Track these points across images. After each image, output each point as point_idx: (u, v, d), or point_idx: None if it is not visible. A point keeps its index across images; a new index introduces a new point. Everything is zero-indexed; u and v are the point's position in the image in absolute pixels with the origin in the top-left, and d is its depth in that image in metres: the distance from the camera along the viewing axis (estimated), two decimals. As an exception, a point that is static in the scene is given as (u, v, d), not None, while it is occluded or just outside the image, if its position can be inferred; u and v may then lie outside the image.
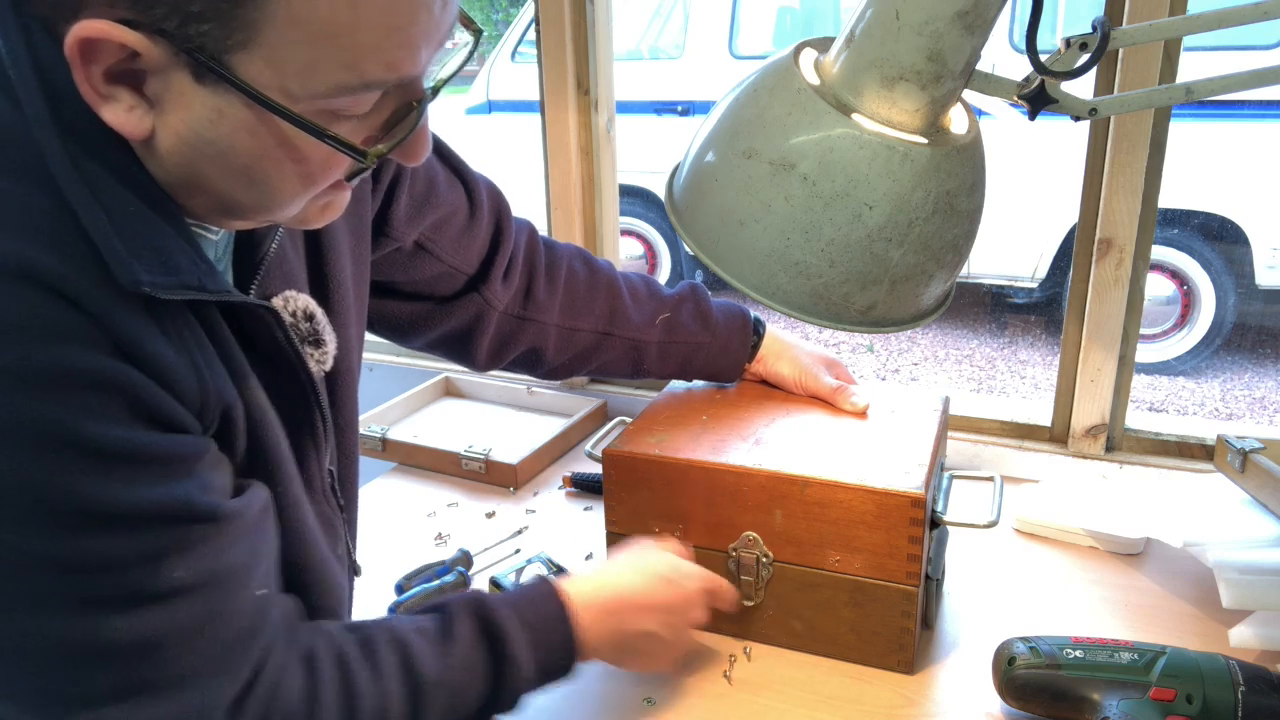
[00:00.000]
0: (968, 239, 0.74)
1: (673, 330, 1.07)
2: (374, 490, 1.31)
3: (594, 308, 1.05)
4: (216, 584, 0.59)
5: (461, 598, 0.75)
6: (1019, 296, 4.55)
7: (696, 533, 0.93)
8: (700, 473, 0.91)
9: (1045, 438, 1.26)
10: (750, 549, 0.91)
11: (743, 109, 0.73)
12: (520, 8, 8.06)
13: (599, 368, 1.08)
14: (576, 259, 1.07)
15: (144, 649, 0.55)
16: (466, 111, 5.37)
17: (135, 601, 0.55)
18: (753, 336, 1.09)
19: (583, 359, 1.06)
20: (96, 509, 0.53)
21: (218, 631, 0.59)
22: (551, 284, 1.03)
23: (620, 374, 1.10)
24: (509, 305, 1.00)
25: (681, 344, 1.07)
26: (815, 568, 0.89)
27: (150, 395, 0.55)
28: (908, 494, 0.84)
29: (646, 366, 1.08)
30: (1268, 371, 4.13)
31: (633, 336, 1.06)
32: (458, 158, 0.96)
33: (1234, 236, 3.91)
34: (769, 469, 0.89)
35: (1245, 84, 0.69)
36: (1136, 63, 1.06)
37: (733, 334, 1.08)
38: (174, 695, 0.57)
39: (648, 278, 1.11)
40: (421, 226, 0.91)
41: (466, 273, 0.96)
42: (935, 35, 0.66)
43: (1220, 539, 0.93)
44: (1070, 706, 0.78)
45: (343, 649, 0.68)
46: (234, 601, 0.60)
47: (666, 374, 1.10)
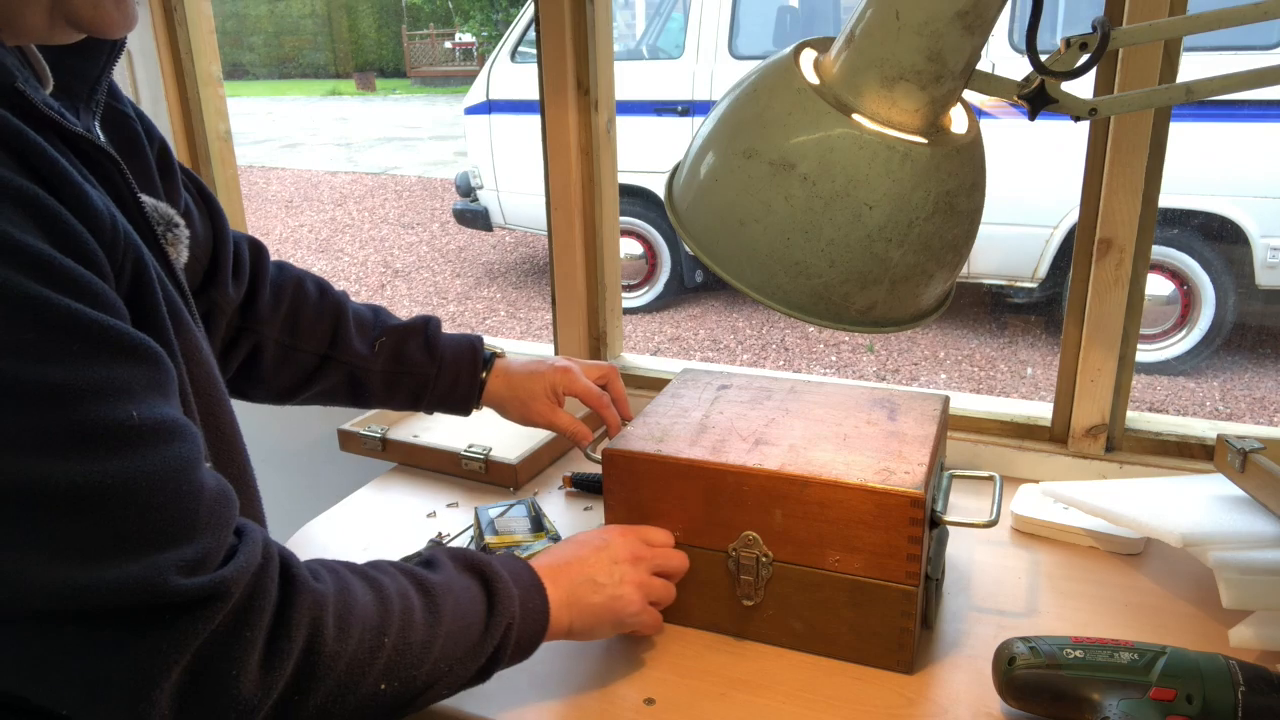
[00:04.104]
0: (968, 239, 0.74)
1: (398, 360, 1.06)
2: (373, 490, 1.31)
3: (317, 329, 1.03)
4: (172, 434, 0.56)
5: (429, 548, 0.78)
6: (1019, 296, 4.55)
7: (696, 533, 0.93)
8: (700, 472, 0.91)
9: (1045, 438, 1.26)
10: (750, 549, 0.91)
11: (742, 109, 0.73)
12: (520, 8, 8.08)
13: (323, 392, 1.06)
14: (309, 280, 1.06)
15: (107, 498, 0.52)
16: (466, 111, 5.38)
17: (92, 441, 0.52)
18: (483, 369, 1.09)
19: (304, 381, 1.04)
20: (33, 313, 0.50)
21: (186, 485, 0.56)
22: (276, 297, 1.02)
23: (345, 401, 1.08)
24: (234, 309, 0.98)
25: (408, 374, 1.06)
26: (815, 567, 0.89)
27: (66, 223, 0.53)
28: (907, 493, 0.83)
29: (370, 394, 1.06)
30: (1268, 371, 4.13)
31: (353, 362, 1.04)
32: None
33: (1234, 236, 3.91)
34: (769, 469, 0.89)
35: (1245, 84, 0.69)
36: (1136, 63, 1.06)
37: (461, 366, 1.08)
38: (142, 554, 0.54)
39: (379, 308, 1.10)
40: None
41: (199, 272, 0.92)
42: (935, 35, 0.66)
43: (1220, 539, 0.93)
44: (1070, 706, 0.78)
45: (346, 562, 0.70)
46: (194, 457, 0.58)
47: (397, 405, 1.09)
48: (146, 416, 0.54)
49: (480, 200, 5.46)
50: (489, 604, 0.76)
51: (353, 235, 7.31)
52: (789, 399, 1.05)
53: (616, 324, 1.53)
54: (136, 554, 0.53)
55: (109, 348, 0.53)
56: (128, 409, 0.53)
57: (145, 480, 0.54)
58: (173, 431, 0.56)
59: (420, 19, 21.11)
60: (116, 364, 0.54)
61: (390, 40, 21.19)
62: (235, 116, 1.77)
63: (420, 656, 0.69)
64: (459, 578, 0.76)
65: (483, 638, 0.74)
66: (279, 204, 8.42)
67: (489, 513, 1.15)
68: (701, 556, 0.93)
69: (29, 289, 0.49)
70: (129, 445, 0.53)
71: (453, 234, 7.12)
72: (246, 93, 17.55)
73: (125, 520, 0.53)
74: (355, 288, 6.04)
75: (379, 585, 0.70)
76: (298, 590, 0.63)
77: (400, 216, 7.81)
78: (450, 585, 0.74)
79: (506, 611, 0.76)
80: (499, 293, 5.81)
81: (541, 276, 6.02)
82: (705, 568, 0.94)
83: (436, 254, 6.72)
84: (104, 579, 0.52)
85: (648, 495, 0.94)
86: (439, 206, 8.02)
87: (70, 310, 0.51)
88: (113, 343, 0.54)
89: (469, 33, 19.35)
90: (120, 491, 0.53)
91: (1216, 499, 1.02)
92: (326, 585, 0.65)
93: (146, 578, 0.53)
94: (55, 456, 0.51)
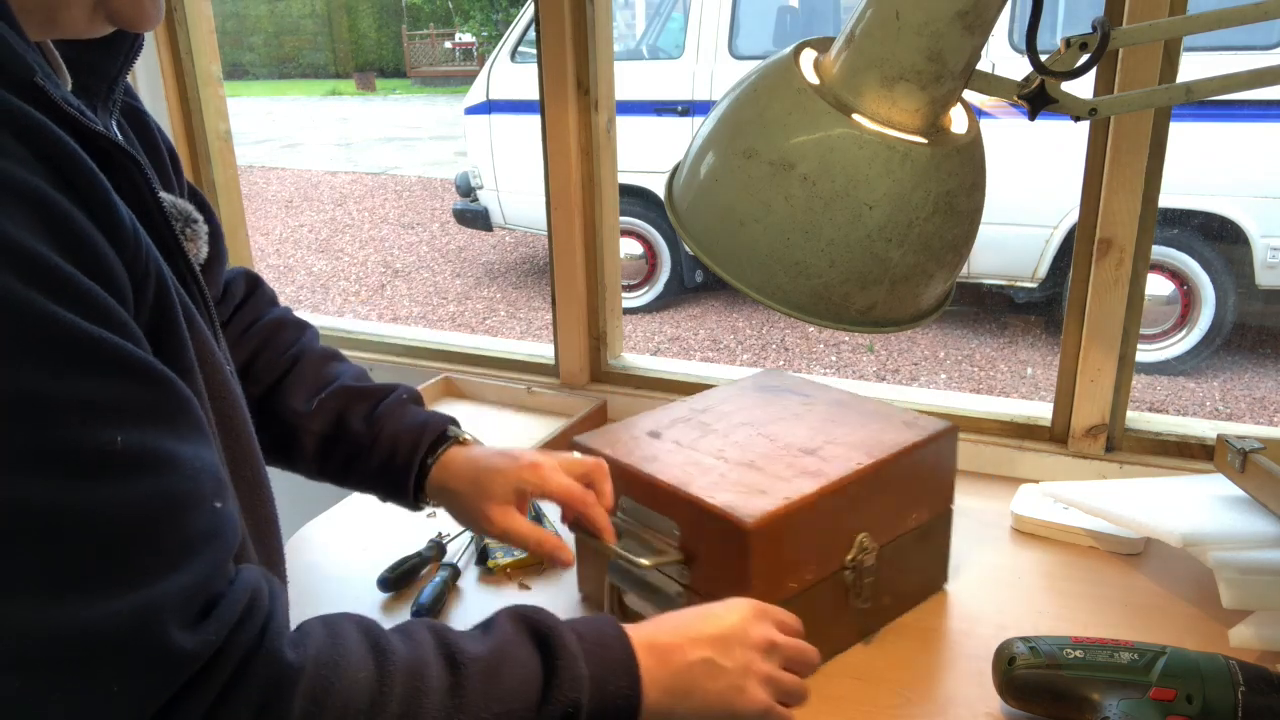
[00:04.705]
0: (968, 239, 0.74)
1: (337, 424, 0.89)
2: (374, 490, 1.31)
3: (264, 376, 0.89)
4: (164, 465, 0.51)
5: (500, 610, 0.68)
6: (1019, 296, 4.55)
7: (823, 562, 0.87)
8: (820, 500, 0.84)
9: (1045, 438, 1.26)
10: (865, 552, 0.89)
11: (742, 109, 0.73)
12: (520, 8, 8.08)
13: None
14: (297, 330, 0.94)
15: (60, 529, 0.47)
16: (466, 111, 5.38)
17: (69, 466, 0.47)
18: (429, 452, 0.87)
19: None
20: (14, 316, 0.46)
21: (165, 527, 0.50)
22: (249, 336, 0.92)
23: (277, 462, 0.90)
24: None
25: (341, 441, 0.88)
26: (902, 534, 0.93)
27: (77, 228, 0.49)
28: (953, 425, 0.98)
29: (300, 459, 0.89)
30: (1268, 371, 4.13)
31: (287, 421, 0.88)
32: None
33: (1234, 236, 3.91)
34: (864, 462, 0.88)
35: (1245, 84, 0.69)
36: (1136, 63, 1.06)
37: (400, 443, 0.87)
38: (118, 594, 0.48)
39: (362, 371, 0.94)
40: None
41: None
42: (935, 35, 0.66)
43: (1220, 539, 0.93)
44: (1070, 706, 0.78)
45: (365, 619, 0.61)
46: (184, 497, 0.52)
47: (330, 476, 0.91)
48: (133, 445, 0.49)
49: (480, 200, 5.46)
50: (545, 684, 0.63)
51: (353, 235, 7.31)
52: (789, 402, 1.04)
53: (616, 324, 1.53)
54: (83, 597, 0.47)
55: (100, 363, 0.49)
56: (111, 433, 0.48)
57: (111, 515, 0.48)
58: (162, 465, 0.51)
59: (420, 19, 21.10)
60: (107, 382, 0.49)
61: (390, 40, 21.19)
62: (235, 116, 1.76)
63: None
64: (510, 646, 0.64)
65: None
66: (279, 204, 8.42)
67: None
68: (822, 589, 0.87)
69: (13, 289, 0.46)
70: (102, 473, 0.48)
71: (453, 234, 7.12)
72: (246, 93, 17.54)
73: (79, 557, 0.47)
74: (355, 288, 6.04)
75: (387, 656, 0.58)
76: (262, 662, 0.53)
77: (400, 216, 7.81)
78: (492, 659, 0.62)
79: (566, 695, 0.63)
80: (499, 293, 5.81)
81: (541, 276, 6.02)
82: (826, 596, 0.88)
83: (436, 254, 6.72)
84: (48, 620, 0.46)
85: (789, 553, 0.83)
86: (439, 206, 8.02)
87: (57, 317, 0.47)
88: (104, 358, 0.49)
89: (469, 33, 19.34)
90: (78, 524, 0.47)
91: (1216, 499, 1.02)
92: (303, 655, 0.55)
93: (90, 629, 0.47)
94: (10, 473, 0.45)
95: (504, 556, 1.08)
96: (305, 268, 6.50)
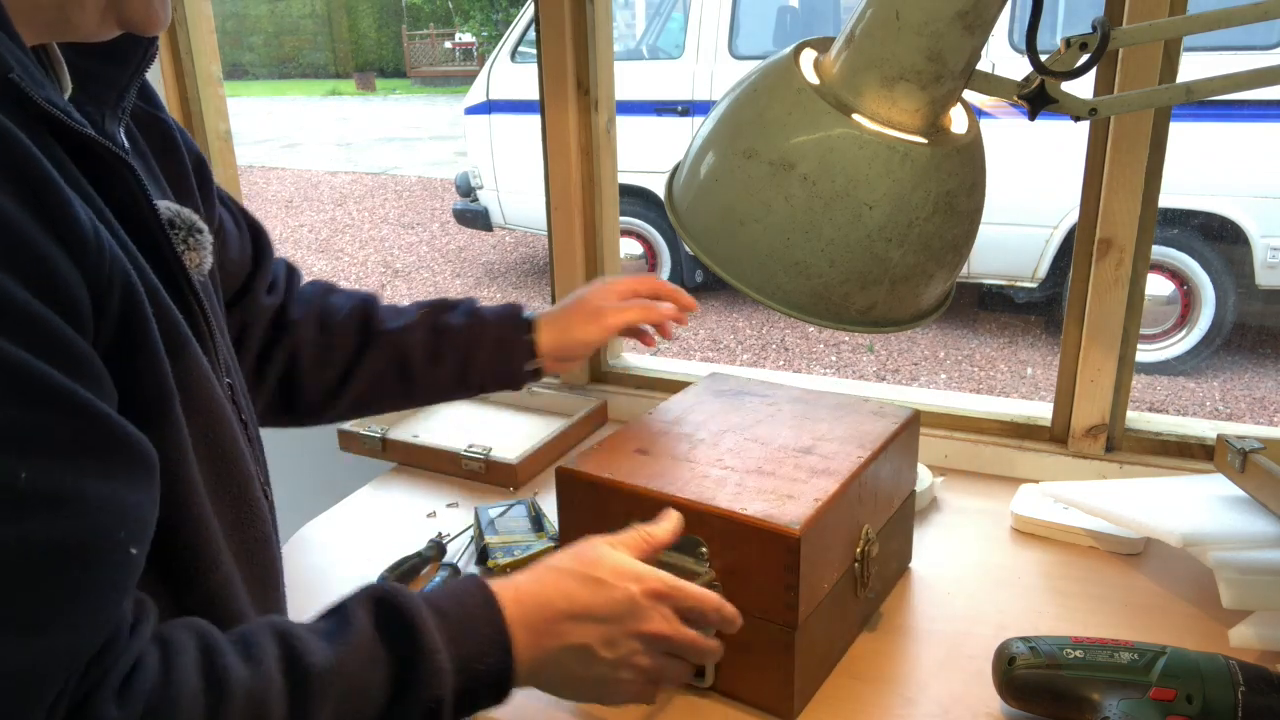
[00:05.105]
0: (968, 239, 0.74)
1: (438, 331, 0.99)
2: (373, 490, 1.31)
3: (348, 320, 0.99)
4: (75, 509, 0.47)
5: (362, 589, 0.64)
6: (1019, 296, 4.55)
7: (843, 558, 0.86)
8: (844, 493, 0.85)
9: (1045, 438, 1.26)
10: (870, 541, 0.90)
11: (742, 109, 0.73)
12: (520, 8, 8.08)
13: (367, 384, 0.98)
14: (333, 289, 1.04)
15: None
16: (466, 111, 5.38)
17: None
18: (525, 328, 1.01)
19: (346, 375, 0.98)
20: None
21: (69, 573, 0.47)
22: (305, 305, 0.99)
23: (391, 389, 0.99)
24: (267, 322, 0.96)
25: (450, 343, 0.99)
26: (889, 520, 0.96)
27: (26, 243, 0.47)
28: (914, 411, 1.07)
29: (416, 372, 0.99)
30: (1268, 371, 4.13)
31: (393, 339, 0.98)
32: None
33: (1234, 236, 3.91)
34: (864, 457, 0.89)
35: (1245, 84, 0.69)
36: (1136, 63, 1.06)
37: (504, 324, 1.01)
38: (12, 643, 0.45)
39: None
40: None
41: (235, 286, 0.91)
42: (935, 35, 0.66)
43: (1220, 539, 0.93)
44: (1070, 706, 0.78)
45: (209, 636, 0.56)
46: (94, 542, 0.49)
47: (444, 380, 1.00)
48: (39, 484, 0.46)
49: (480, 200, 5.46)
50: (403, 686, 0.60)
51: (353, 235, 7.31)
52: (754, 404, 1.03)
53: (616, 324, 1.52)
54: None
55: (21, 394, 0.46)
56: (16, 468, 0.45)
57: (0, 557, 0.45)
58: (67, 506, 0.47)
59: (420, 19, 21.11)
60: (24, 411, 0.46)
61: (390, 40, 21.20)
62: (235, 116, 1.76)
63: None
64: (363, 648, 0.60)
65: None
66: (279, 204, 8.42)
67: (489, 512, 1.15)
68: (840, 584, 0.86)
69: None
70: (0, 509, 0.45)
71: (453, 234, 7.12)
72: (246, 93, 17.55)
73: None
74: (355, 288, 6.04)
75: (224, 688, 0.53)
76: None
77: (400, 216, 7.81)
78: (343, 666, 0.58)
79: (426, 694, 0.60)
80: (499, 293, 5.81)
81: (541, 276, 6.02)
82: (842, 591, 0.87)
83: (436, 254, 6.72)
84: None
85: (823, 554, 0.83)
86: (439, 206, 8.02)
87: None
88: (28, 389, 0.46)
89: (469, 33, 19.34)
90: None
91: (1216, 499, 1.02)
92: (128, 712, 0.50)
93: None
94: None
95: (504, 557, 1.08)
96: (305, 268, 6.42)
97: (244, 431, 0.71)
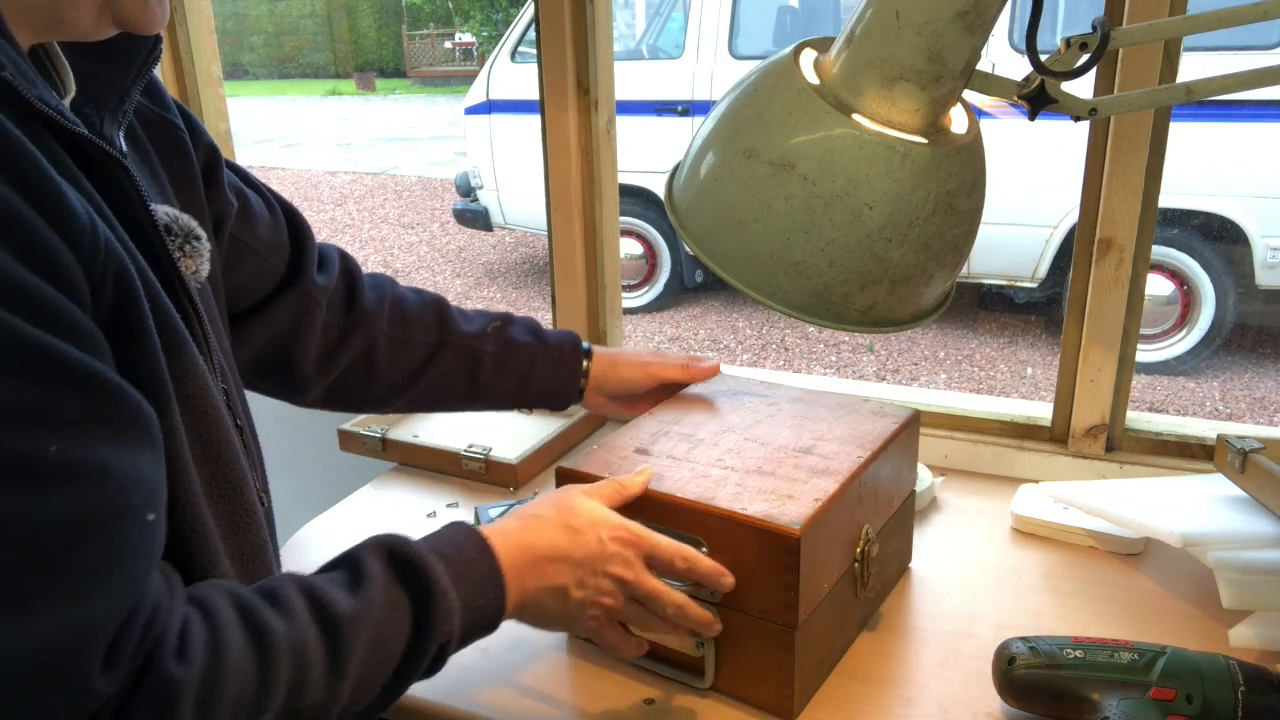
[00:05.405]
0: (968, 239, 0.74)
1: (506, 343, 1.04)
2: (373, 490, 1.31)
3: (424, 318, 1.02)
4: (101, 479, 0.50)
5: (367, 541, 0.68)
6: (1019, 296, 4.55)
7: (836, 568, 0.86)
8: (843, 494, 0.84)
9: (1045, 438, 1.26)
10: (869, 542, 0.90)
11: (742, 109, 0.73)
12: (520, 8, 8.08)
13: (434, 383, 1.02)
14: (396, 283, 1.06)
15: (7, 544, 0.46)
16: (466, 111, 5.38)
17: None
18: (583, 355, 1.07)
19: (417, 373, 1.01)
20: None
21: (102, 542, 0.50)
22: (378, 293, 1.01)
23: (456, 392, 1.04)
24: (332, 304, 0.96)
25: (515, 356, 1.04)
26: (889, 521, 0.96)
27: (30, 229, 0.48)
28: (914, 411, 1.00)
29: (482, 379, 1.03)
30: (1268, 371, 4.13)
31: (467, 345, 1.02)
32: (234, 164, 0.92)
33: (1234, 236, 3.91)
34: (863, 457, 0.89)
35: (1245, 84, 0.69)
36: (1136, 63, 1.06)
37: (564, 347, 1.06)
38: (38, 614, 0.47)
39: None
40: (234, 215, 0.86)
41: (279, 267, 0.92)
42: (935, 35, 0.66)
43: (1220, 539, 0.93)
44: (1070, 706, 0.78)
45: (240, 594, 0.60)
46: (122, 510, 0.51)
47: (504, 391, 1.05)
48: (66, 457, 0.48)
49: (480, 200, 5.46)
50: (421, 626, 0.65)
51: (353, 235, 7.31)
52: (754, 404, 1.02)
53: (616, 324, 1.53)
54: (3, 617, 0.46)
55: (39, 369, 0.48)
56: (44, 443, 0.47)
57: (32, 528, 0.47)
58: (92, 477, 0.49)
59: (420, 19, 21.11)
60: (46, 390, 0.48)
61: (390, 40, 21.19)
62: (235, 116, 1.76)
63: (318, 713, 0.60)
64: (382, 594, 0.64)
65: (406, 663, 0.65)
66: (279, 204, 8.42)
67: (489, 512, 1.15)
68: (840, 584, 0.86)
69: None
70: (30, 484, 0.47)
71: (453, 234, 7.13)
72: (246, 93, 17.55)
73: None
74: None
75: (266, 644, 0.57)
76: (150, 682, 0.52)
77: (400, 216, 7.81)
78: (366, 613, 0.63)
79: (440, 630, 0.66)
80: (499, 293, 5.81)
81: (541, 276, 6.02)
82: (842, 591, 0.87)
83: (436, 254, 6.72)
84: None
85: (824, 553, 0.82)
86: (439, 206, 8.02)
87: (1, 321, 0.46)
88: (45, 364, 0.48)
89: (469, 33, 19.34)
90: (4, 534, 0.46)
91: (1216, 499, 1.02)
92: (188, 666, 0.54)
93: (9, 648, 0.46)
94: None
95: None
96: (305, 268, 6.50)
97: (239, 436, 0.71)
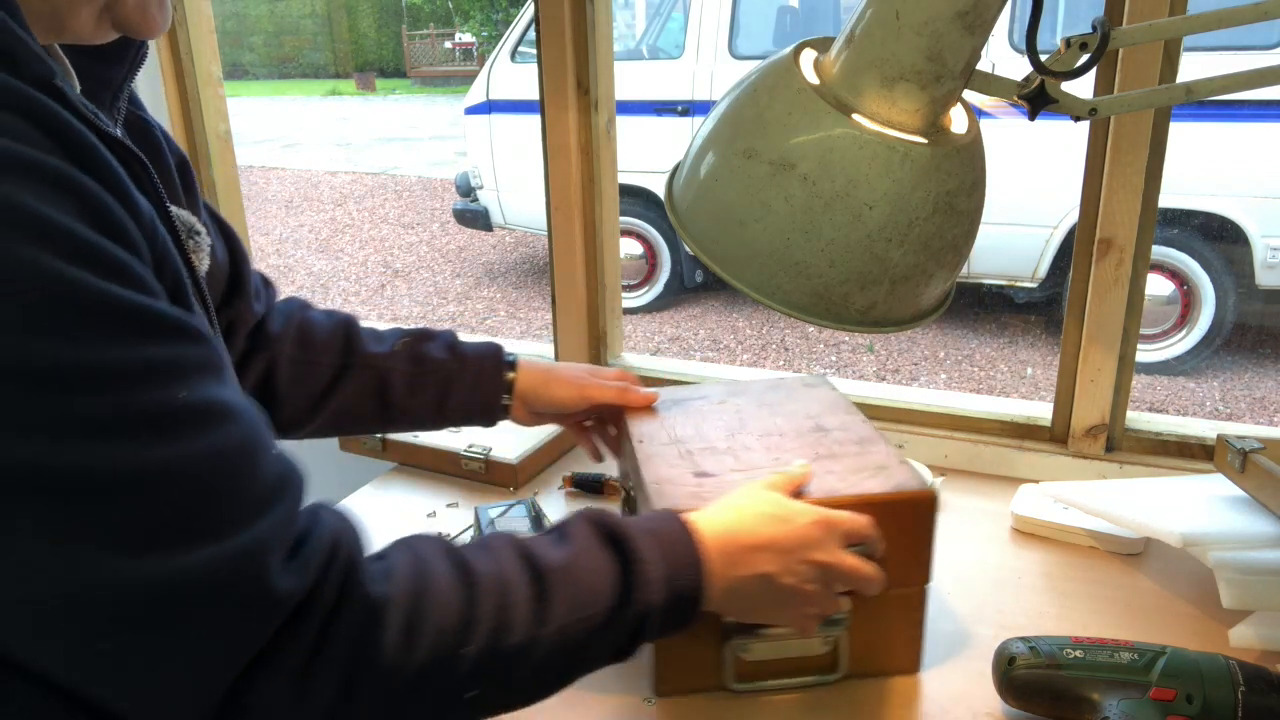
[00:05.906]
0: (968, 239, 0.74)
1: (419, 361, 1.00)
2: (374, 490, 1.31)
3: (329, 340, 0.99)
4: (225, 417, 0.54)
5: (571, 514, 0.70)
6: (1019, 296, 4.55)
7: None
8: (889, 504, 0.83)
9: (1045, 438, 1.26)
10: None
11: (742, 109, 0.73)
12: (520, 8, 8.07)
13: (342, 406, 0.99)
14: (314, 307, 1.04)
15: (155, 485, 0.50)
16: (466, 111, 5.38)
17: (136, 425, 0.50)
18: (506, 368, 1.03)
19: (323, 394, 0.99)
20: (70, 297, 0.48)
21: (248, 470, 0.54)
22: (285, 317, 1.00)
23: (368, 414, 1.01)
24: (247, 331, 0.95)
25: (429, 374, 1.00)
26: None
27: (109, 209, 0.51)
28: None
29: (394, 399, 1.00)
30: (1268, 371, 4.13)
31: (373, 364, 0.99)
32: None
33: (1234, 236, 3.91)
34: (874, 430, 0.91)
35: (1245, 84, 0.69)
36: (1136, 63, 1.06)
37: (484, 362, 1.02)
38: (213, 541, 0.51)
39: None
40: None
41: (222, 281, 0.90)
42: (935, 35, 0.66)
43: (1220, 539, 0.93)
44: (1070, 706, 0.78)
45: (442, 540, 0.63)
46: (249, 441, 0.55)
47: (421, 410, 1.01)
48: (196, 399, 0.52)
49: (480, 200, 5.46)
50: (624, 588, 0.66)
51: (353, 235, 7.31)
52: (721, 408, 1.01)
53: (616, 324, 1.53)
54: (179, 547, 0.50)
55: (152, 329, 0.52)
56: (175, 391, 0.51)
57: (192, 466, 0.51)
58: (225, 414, 0.54)
59: (420, 19, 21.10)
60: (161, 345, 0.52)
61: (390, 40, 21.19)
62: (235, 116, 1.76)
63: (517, 659, 0.62)
64: (587, 552, 0.67)
65: (604, 629, 0.66)
66: (279, 204, 8.42)
67: (489, 513, 1.15)
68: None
69: (66, 272, 0.48)
70: (176, 429, 0.51)
71: (453, 234, 7.13)
72: (246, 93, 17.54)
73: (170, 510, 0.50)
74: (355, 288, 6.04)
75: (472, 578, 0.61)
76: (352, 598, 0.57)
77: (400, 216, 7.81)
78: (571, 566, 0.65)
79: (643, 598, 0.67)
80: (499, 293, 5.81)
81: (541, 276, 6.02)
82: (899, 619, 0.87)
83: (436, 254, 6.72)
84: (149, 573, 0.49)
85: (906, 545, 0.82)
86: (439, 206, 8.02)
87: (110, 293, 0.50)
88: (155, 324, 0.52)
89: (469, 33, 19.34)
90: (167, 478, 0.50)
91: (1216, 499, 1.02)
92: (394, 587, 0.58)
93: (190, 578, 0.50)
94: (98, 441, 0.48)
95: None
96: (305, 268, 6.50)
97: None
